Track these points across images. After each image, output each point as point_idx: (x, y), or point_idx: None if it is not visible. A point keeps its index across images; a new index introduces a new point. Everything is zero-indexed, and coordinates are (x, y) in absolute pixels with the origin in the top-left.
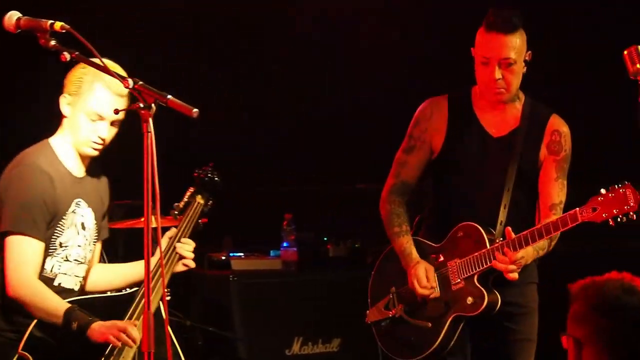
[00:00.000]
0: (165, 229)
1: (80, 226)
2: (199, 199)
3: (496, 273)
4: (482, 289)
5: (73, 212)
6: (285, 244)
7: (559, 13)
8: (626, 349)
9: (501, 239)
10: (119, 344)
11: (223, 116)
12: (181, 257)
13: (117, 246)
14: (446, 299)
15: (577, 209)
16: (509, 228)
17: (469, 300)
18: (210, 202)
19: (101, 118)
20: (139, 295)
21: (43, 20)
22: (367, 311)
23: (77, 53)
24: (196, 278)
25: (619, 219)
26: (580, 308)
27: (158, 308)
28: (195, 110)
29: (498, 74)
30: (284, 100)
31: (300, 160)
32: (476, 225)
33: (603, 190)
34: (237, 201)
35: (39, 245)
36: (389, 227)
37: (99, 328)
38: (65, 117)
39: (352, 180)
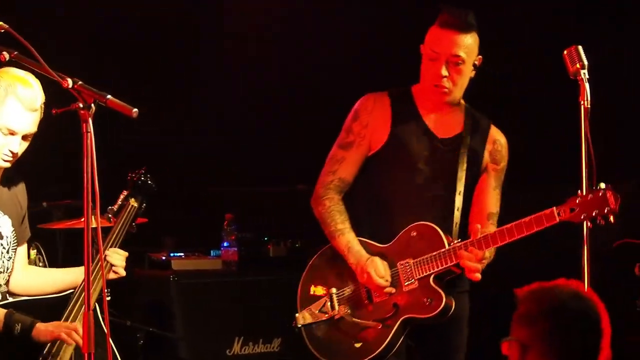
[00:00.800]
0: (105, 229)
1: None
2: (133, 202)
3: (451, 276)
4: (439, 290)
5: None
6: (225, 244)
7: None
8: (571, 352)
9: (459, 240)
10: (71, 341)
11: (161, 116)
12: (112, 265)
13: (57, 246)
14: (395, 300)
15: (555, 207)
16: (477, 226)
17: (425, 301)
18: (144, 205)
19: (12, 133)
20: (75, 297)
21: None
22: (297, 314)
23: (16, 53)
24: (137, 278)
25: (597, 221)
26: (528, 311)
27: (95, 309)
28: (135, 110)
29: (444, 71)
30: (225, 101)
31: (241, 160)
32: (433, 226)
33: (580, 191)
34: (178, 201)
35: None
36: (330, 225)
37: (45, 327)
38: None
39: (293, 180)
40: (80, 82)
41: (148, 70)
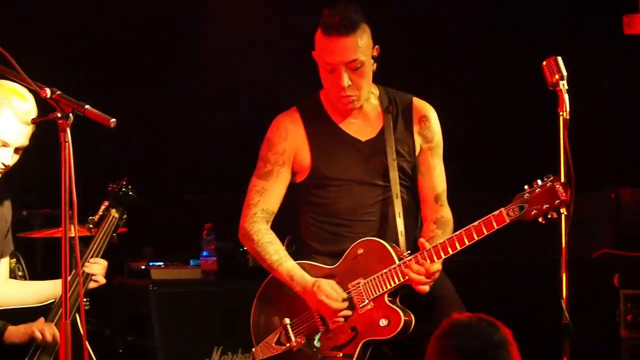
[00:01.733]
0: (83, 239)
1: None
2: (114, 213)
3: (405, 290)
4: (396, 308)
5: None
6: (205, 254)
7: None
8: None
9: (409, 252)
10: (43, 337)
11: (140, 125)
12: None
13: (36, 256)
14: (353, 324)
15: (502, 208)
16: (422, 240)
17: (382, 322)
18: (125, 216)
19: (6, 145)
20: (55, 307)
21: None
22: (253, 349)
23: None
24: (116, 287)
25: (549, 215)
26: (437, 347)
27: (75, 320)
28: (113, 120)
29: (347, 81)
30: (202, 107)
31: (220, 168)
32: (378, 240)
33: (527, 187)
34: (157, 210)
35: None
36: (265, 258)
37: (17, 328)
38: None
39: None
40: (58, 92)
41: (124, 76)
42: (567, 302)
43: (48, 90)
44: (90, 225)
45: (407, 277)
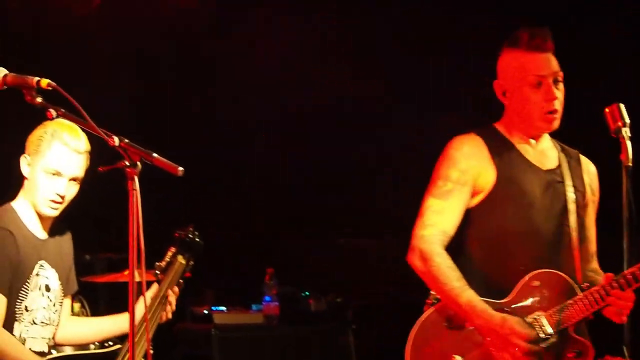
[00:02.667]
0: (148, 284)
1: (45, 288)
2: (180, 259)
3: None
4: (584, 339)
5: (37, 274)
6: (267, 298)
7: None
8: None
9: (587, 284)
10: None
11: (202, 171)
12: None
13: (99, 299)
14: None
15: None
16: (610, 274)
17: (572, 356)
18: (191, 262)
19: (59, 174)
20: (122, 354)
21: (29, 77)
22: None
23: (63, 110)
24: (178, 331)
25: None
26: None
27: None
28: (180, 168)
29: (557, 92)
30: (264, 155)
31: (283, 214)
32: (556, 272)
33: None
34: (219, 255)
35: (3, 301)
36: (445, 283)
37: None
38: (26, 178)
39: (334, 235)
40: (126, 140)
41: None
42: None
43: (116, 139)
44: (157, 272)
45: (603, 305)
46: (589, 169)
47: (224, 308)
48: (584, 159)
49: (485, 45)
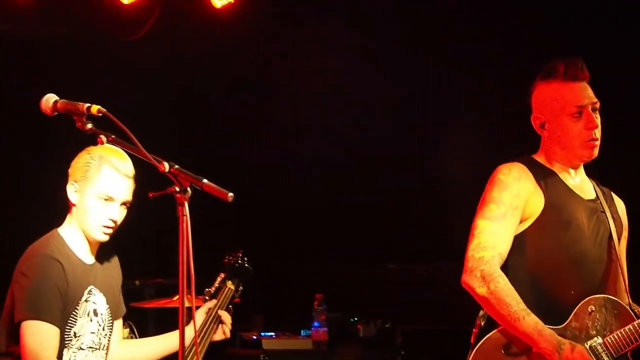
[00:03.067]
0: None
1: (93, 313)
2: (230, 285)
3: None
4: None
5: (85, 300)
6: (316, 324)
7: None
8: None
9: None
10: None
11: (252, 197)
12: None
13: (149, 324)
14: None
15: None
16: None
17: None
18: (241, 288)
19: (111, 199)
20: None
21: (80, 103)
22: None
23: (113, 137)
24: (228, 357)
25: None
26: None
27: None
28: (230, 194)
29: (597, 120)
30: (314, 181)
31: (332, 239)
32: (611, 297)
33: None
34: (268, 280)
35: (56, 331)
36: (510, 305)
37: None
38: (73, 205)
39: (383, 260)
40: (176, 166)
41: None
42: None
43: (166, 165)
44: (207, 297)
45: None
46: (621, 207)
47: (272, 333)
48: (615, 196)
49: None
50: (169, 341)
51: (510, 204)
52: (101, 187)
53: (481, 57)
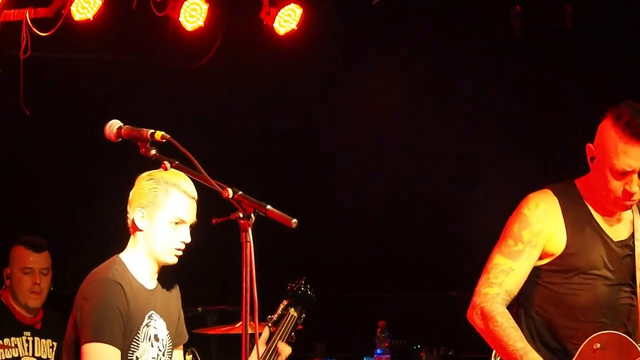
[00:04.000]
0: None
1: (154, 338)
2: (293, 312)
3: None
4: None
5: (147, 325)
6: (379, 351)
7: None
8: None
9: None
10: None
11: (315, 223)
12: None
13: (212, 351)
14: None
15: None
16: None
17: None
18: (304, 315)
19: (182, 222)
20: None
21: (144, 129)
22: None
23: (176, 162)
24: None
25: None
26: None
27: None
28: (294, 221)
29: (636, 187)
30: (375, 209)
31: (394, 267)
32: (619, 334)
33: None
34: (330, 308)
35: (118, 353)
36: (508, 344)
37: None
38: (139, 230)
39: (447, 288)
40: (240, 192)
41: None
42: None
43: (230, 191)
44: (269, 324)
45: None
46: None
47: None
48: None
49: None
50: None
51: (529, 242)
52: (172, 211)
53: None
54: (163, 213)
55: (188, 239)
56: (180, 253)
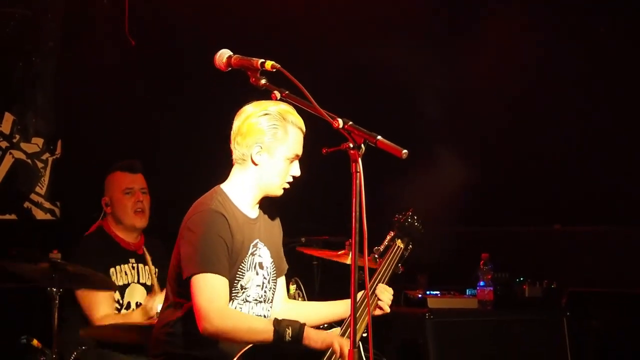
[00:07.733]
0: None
1: (259, 266)
2: (399, 243)
3: None
4: None
5: (252, 254)
6: (481, 284)
7: None
8: None
9: None
10: (340, 352)
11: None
12: (378, 303)
13: (314, 279)
14: None
15: None
16: None
17: None
18: (410, 246)
19: (297, 157)
20: (346, 326)
21: (254, 59)
22: None
23: (287, 92)
24: (392, 315)
25: None
26: None
27: (359, 347)
28: (404, 151)
29: None
30: (484, 144)
31: (498, 200)
32: None
33: None
34: (433, 240)
35: (225, 282)
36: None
37: (317, 333)
38: (255, 164)
39: (550, 221)
40: (350, 123)
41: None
42: None
43: (340, 121)
44: (376, 255)
45: None
46: None
47: (438, 292)
48: None
49: None
50: (332, 311)
51: None
52: (291, 149)
53: None
54: (282, 150)
55: (299, 173)
56: (288, 185)
